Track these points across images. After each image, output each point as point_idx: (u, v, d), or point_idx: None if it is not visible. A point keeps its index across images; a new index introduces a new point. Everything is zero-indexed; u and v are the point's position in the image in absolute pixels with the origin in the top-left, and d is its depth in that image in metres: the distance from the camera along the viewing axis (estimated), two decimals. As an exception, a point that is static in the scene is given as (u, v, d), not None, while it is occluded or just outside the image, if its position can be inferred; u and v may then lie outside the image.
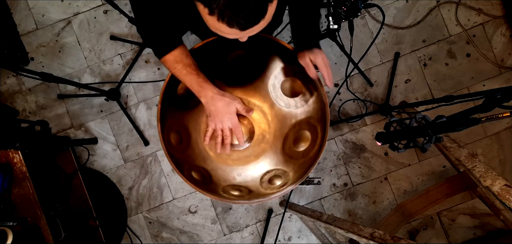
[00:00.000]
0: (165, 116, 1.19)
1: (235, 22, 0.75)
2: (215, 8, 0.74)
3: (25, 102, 2.09)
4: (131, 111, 2.10)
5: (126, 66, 2.09)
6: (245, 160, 1.25)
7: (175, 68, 1.09)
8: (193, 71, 1.09)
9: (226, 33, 0.80)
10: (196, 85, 1.09)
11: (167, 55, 1.08)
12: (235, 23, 0.76)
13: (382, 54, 2.13)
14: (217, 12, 0.74)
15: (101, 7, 2.08)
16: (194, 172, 1.22)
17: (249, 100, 1.25)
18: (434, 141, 0.93)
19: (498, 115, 0.83)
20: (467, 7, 2.11)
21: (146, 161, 2.11)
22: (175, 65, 1.09)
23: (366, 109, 2.13)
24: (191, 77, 1.08)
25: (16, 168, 1.55)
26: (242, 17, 0.75)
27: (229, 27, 0.77)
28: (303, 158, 1.22)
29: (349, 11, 1.47)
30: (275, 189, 1.22)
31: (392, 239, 1.18)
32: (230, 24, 0.76)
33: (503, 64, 2.13)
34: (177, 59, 1.09)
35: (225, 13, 0.74)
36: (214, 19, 0.76)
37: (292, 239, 2.17)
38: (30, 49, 2.08)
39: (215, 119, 1.12)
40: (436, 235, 2.16)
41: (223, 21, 0.75)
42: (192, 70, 1.09)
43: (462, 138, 2.14)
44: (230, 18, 0.75)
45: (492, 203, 1.72)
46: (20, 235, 1.50)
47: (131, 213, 2.13)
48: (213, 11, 0.74)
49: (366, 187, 2.16)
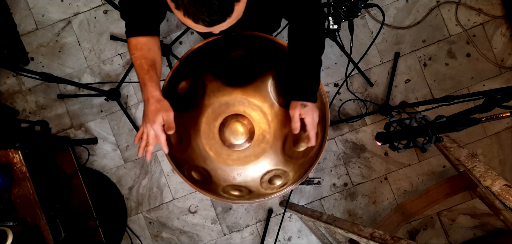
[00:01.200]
0: (165, 117, 1.18)
1: (201, 19, 0.77)
2: (181, 4, 0.75)
3: (25, 102, 2.09)
4: (131, 111, 2.10)
5: (126, 66, 2.09)
6: (245, 160, 1.25)
7: (132, 54, 1.06)
8: (145, 66, 1.04)
9: (193, 27, 0.81)
10: (141, 81, 1.04)
11: (133, 38, 1.06)
12: (200, 20, 0.77)
13: (382, 54, 2.13)
14: (183, 8, 0.76)
15: (101, 7, 2.08)
16: (194, 172, 1.22)
17: (249, 100, 1.25)
18: (434, 141, 0.93)
19: (498, 115, 0.83)
20: (467, 7, 2.11)
21: (146, 161, 2.11)
22: (134, 51, 1.06)
23: (366, 109, 2.13)
24: (141, 71, 1.04)
25: (16, 168, 1.55)
26: (207, 15, 0.76)
27: (195, 23, 0.78)
28: (303, 158, 1.22)
29: (349, 11, 1.47)
30: (275, 189, 1.22)
31: (392, 239, 1.18)
32: (195, 20, 0.77)
33: (503, 64, 2.13)
34: (138, 47, 1.05)
35: (190, 10, 0.75)
36: (181, 14, 0.77)
37: (292, 239, 2.17)
38: (30, 49, 2.08)
39: (143, 122, 1.04)
40: (436, 235, 2.16)
41: (188, 17, 0.77)
42: (145, 64, 1.04)
43: (462, 138, 2.14)
44: (195, 15, 0.76)
45: (492, 203, 1.72)
46: (20, 235, 1.50)
47: (131, 213, 2.13)
48: (179, 6, 0.76)
49: (366, 187, 2.16)
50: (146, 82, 1.03)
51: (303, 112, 1.08)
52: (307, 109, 1.08)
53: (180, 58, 1.17)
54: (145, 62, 1.04)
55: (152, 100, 1.01)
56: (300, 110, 1.08)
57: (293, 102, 1.10)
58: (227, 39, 1.18)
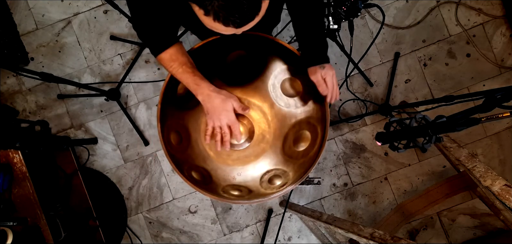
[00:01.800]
0: (165, 116, 1.19)
1: (231, 21, 0.77)
2: (210, 9, 0.76)
3: (25, 102, 2.09)
4: (131, 111, 2.10)
5: (126, 66, 2.09)
6: (245, 160, 1.25)
7: (171, 67, 1.09)
8: (188, 69, 1.09)
9: (222, 31, 0.82)
10: (193, 83, 1.08)
11: (162, 53, 1.08)
12: (230, 23, 0.78)
13: (382, 54, 2.13)
14: (213, 13, 0.76)
15: (101, 7, 2.08)
16: (194, 172, 1.22)
17: (249, 100, 1.25)
18: (434, 141, 0.93)
19: (498, 115, 0.83)
20: (467, 7, 2.11)
21: (146, 161, 2.11)
22: (171, 63, 1.09)
23: (366, 109, 2.13)
24: (187, 75, 1.08)
25: (16, 168, 1.55)
26: (238, 16, 0.77)
27: (225, 26, 0.79)
28: (303, 158, 1.22)
29: (349, 11, 1.47)
30: (275, 189, 1.22)
31: (392, 239, 1.18)
32: (225, 23, 0.78)
33: (503, 64, 2.13)
34: (173, 58, 1.09)
35: (220, 14, 0.76)
36: (210, 19, 0.78)
37: (292, 239, 2.17)
38: (30, 49, 2.08)
39: (212, 117, 1.11)
40: (436, 235, 2.16)
41: (219, 21, 0.78)
42: (188, 68, 1.09)
43: (462, 138, 2.14)
44: (225, 18, 0.77)
45: (492, 203, 1.72)
46: (20, 235, 1.50)
47: (131, 213, 2.13)
48: (209, 12, 0.76)
49: (366, 187, 2.16)
50: (198, 82, 1.08)
51: (323, 73, 1.13)
52: (326, 70, 1.14)
53: (180, 58, 1.17)
54: (186, 67, 1.09)
55: (214, 93, 1.08)
56: (321, 72, 1.13)
57: (311, 68, 1.15)
58: (227, 39, 1.18)
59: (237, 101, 1.13)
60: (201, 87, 1.08)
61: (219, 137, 1.13)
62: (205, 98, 1.09)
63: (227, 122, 1.11)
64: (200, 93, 1.09)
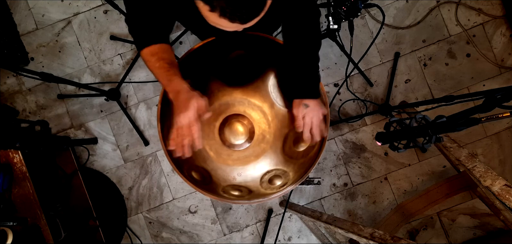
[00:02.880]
0: (165, 116, 1.19)
1: (237, 17, 0.77)
2: (217, 5, 0.75)
3: (25, 102, 2.09)
4: (131, 111, 2.10)
5: (126, 66, 2.09)
6: (245, 160, 1.25)
7: (149, 61, 1.03)
8: (165, 65, 1.02)
9: (227, 27, 0.81)
10: (165, 79, 1.01)
11: (146, 48, 1.04)
12: (237, 18, 0.77)
13: (382, 54, 2.13)
14: (219, 9, 0.76)
15: (101, 7, 2.08)
16: (194, 172, 1.22)
17: (249, 100, 1.25)
18: (434, 141, 0.93)
19: (498, 115, 0.83)
20: (467, 7, 2.11)
21: (146, 161, 2.11)
22: (149, 57, 1.03)
23: (366, 109, 2.13)
24: (161, 71, 1.01)
25: (16, 168, 1.55)
26: (244, 11, 0.77)
27: (231, 22, 0.78)
28: (303, 158, 1.22)
29: (349, 11, 1.48)
30: (275, 189, 1.22)
31: (392, 239, 1.18)
32: (231, 19, 0.78)
33: (503, 64, 2.14)
34: (153, 52, 1.03)
35: (227, 10, 0.76)
36: (216, 15, 0.77)
37: (292, 239, 2.17)
38: (30, 49, 2.08)
39: (175, 116, 0.99)
40: (436, 235, 2.16)
41: (225, 17, 0.77)
42: (164, 64, 1.02)
43: (462, 138, 2.14)
44: (232, 14, 0.76)
45: (492, 203, 1.72)
46: (20, 235, 1.50)
47: (131, 213, 2.13)
48: (215, 8, 0.76)
49: (366, 187, 2.16)
50: (171, 78, 1.00)
51: (305, 112, 1.09)
52: (309, 110, 1.09)
53: (180, 58, 1.17)
54: (164, 62, 1.02)
55: (183, 91, 0.98)
56: (302, 110, 1.09)
57: (295, 101, 1.12)
58: (227, 39, 1.18)
59: (203, 103, 0.99)
60: (172, 83, 0.99)
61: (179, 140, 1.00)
62: (174, 95, 0.99)
63: (188, 122, 0.98)
64: (170, 89, 1.00)
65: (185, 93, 0.98)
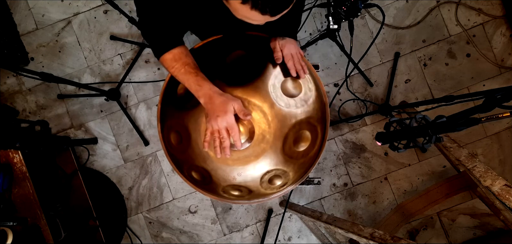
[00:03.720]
0: (165, 116, 1.19)
1: (269, 8, 0.77)
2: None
3: (25, 102, 2.09)
4: (131, 111, 2.10)
5: (126, 66, 2.09)
6: (245, 160, 1.25)
7: (173, 67, 1.06)
8: (191, 70, 1.05)
9: (256, 20, 0.81)
10: (195, 84, 1.04)
11: (166, 54, 1.06)
12: (268, 10, 0.78)
13: (382, 54, 2.13)
14: (251, 1, 0.76)
15: (101, 7, 2.08)
16: (194, 172, 1.22)
17: (249, 100, 1.25)
18: (434, 141, 0.93)
19: (498, 115, 0.83)
20: (467, 7, 2.11)
21: (146, 161, 2.11)
22: (173, 63, 1.05)
23: (366, 109, 2.13)
24: (189, 76, 1.04)
25: (16, 168, 1.55)
26: (276, 3, 0.77)
27: (262, 14, 0.78)
28: (303, 158, 1.22)
29: (349, 11, 1.47)
30: (275, 189, 1.22)
31: (392, 239, 1.18)
32: (263, 11, 0.78)
33: (503, 64, 2.14)
34: (176, 58, 1.05)
35: (259, 2, 0.76)
36: (247, 8, 0.77)
37: (292, 239, 2.17)
38: (30, 49, 2.08)
39: (211, 120, 1.04)
40: (436, 235, 2.16)
41: (256, 9, 0.77)
42: (190, 69, 1.05)
43: (462, 138, 2.14)
44: (263, 6, 0.76)
45: (492, 203, 1.72)
46: (20, 235, 1.50)
47: (131, 213, 2.13)
48: (247, 0, 0.76)
49: (366, 187, 2.16)
50: (200, 83, 1.04)
51: (282, 43, 1.12)
52: (285, 41, 1.12)
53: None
54: (189, 67, 1.05)
55: (216, 94, 1.03)
56: (279, 41, 1.12)
57: (273, 38, 1.14)
58: (227, 39, 1.18)
59: (240, 105, 1.05)
60: (203, 88, 1.03)
61: (217, 142, 1.05)
62: (207, 99, 1.03)
63: (226, 125, 1.03)
64: (202, 94, 1.04)
65: (219, 96, 1.03)
